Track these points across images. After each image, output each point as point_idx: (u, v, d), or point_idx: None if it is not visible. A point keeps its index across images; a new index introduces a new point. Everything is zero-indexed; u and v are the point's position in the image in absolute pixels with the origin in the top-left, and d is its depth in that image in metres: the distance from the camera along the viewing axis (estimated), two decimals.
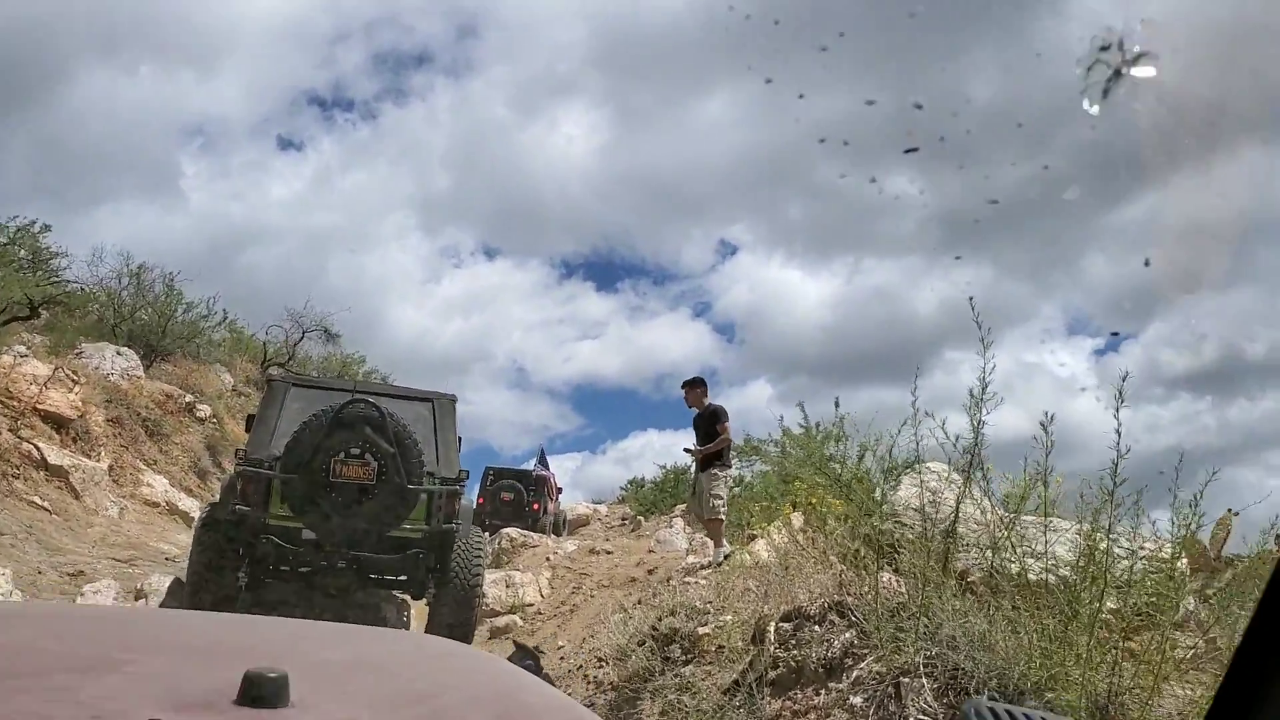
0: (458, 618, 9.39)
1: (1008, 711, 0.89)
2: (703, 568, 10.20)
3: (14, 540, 11.19)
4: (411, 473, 8.72)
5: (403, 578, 9.55)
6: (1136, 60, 1.46)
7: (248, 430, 10.30)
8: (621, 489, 29.16)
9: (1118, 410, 3.98)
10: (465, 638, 9.07)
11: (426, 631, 9.33)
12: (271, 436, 9.21)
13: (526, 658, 6.77)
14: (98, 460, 15.38)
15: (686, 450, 11.42)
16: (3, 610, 2.65)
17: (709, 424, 10.77)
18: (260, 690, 1.21)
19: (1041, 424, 4.38)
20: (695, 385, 11.09)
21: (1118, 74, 1.48)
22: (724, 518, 10.59)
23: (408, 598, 10.79)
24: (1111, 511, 4.28)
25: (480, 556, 9.81)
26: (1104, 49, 1.48)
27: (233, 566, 8.92)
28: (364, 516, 8.63)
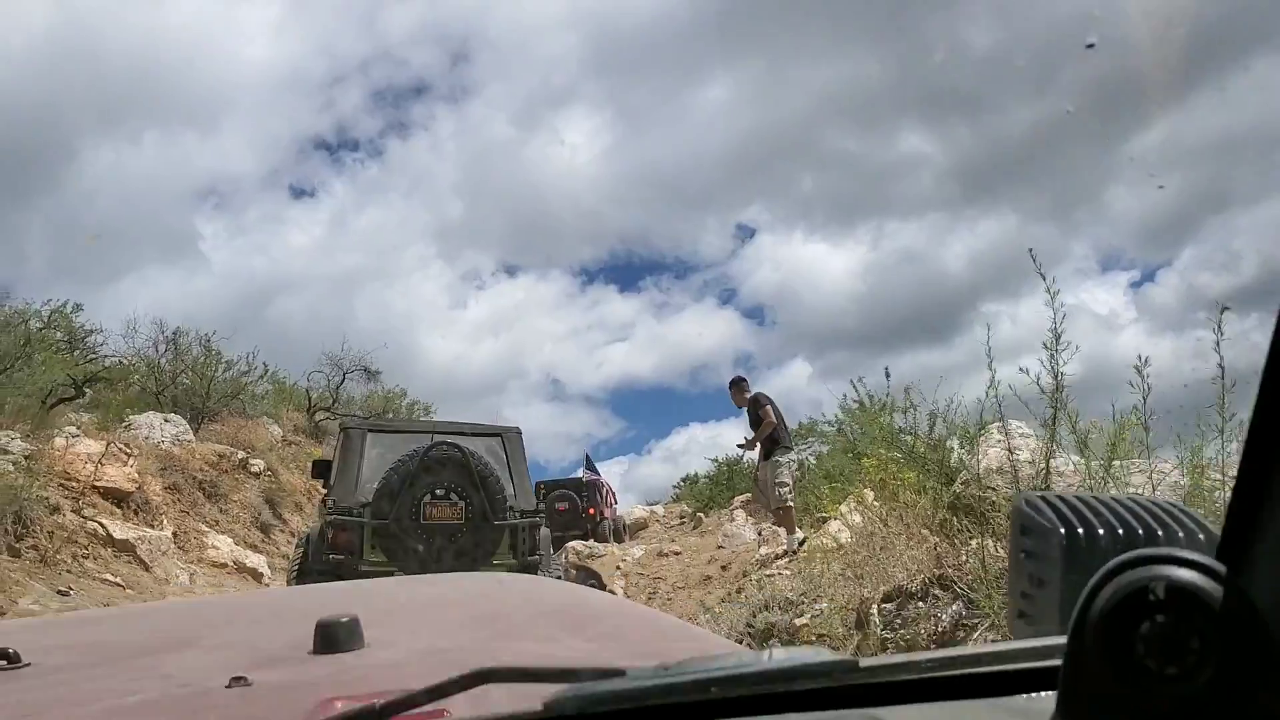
0: None
1: (1060, 498, 0.87)
2: (778, 558, 10.12)
3: None
4: (496, 509, 8.98)
5: None
6: None
7: (314, 477, 10.68)
8: (675, 487, 29.08)
9: (1218, 343, 3.84)
10: None
11: None
12: (356, 483, 9.33)
13: (589, 577, 6.72)
14: (161, 529, 15.44)
15: (739, 446, 11.60)
16: (76, 617, 2.72)
17: (753, 414, 10.94)
18: (334, 636, 1.25)
19: (1135, 368, 4.26)
20: (734, 385, 11.33)
21: None
22: (792, 504, 10.52)
23: None
24: (1223, 446, 4.15)
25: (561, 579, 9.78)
26: None
27: None
28: (454, 555, 8.79)
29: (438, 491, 8.90)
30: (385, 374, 29.25)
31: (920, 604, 5.21)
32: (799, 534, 10.05)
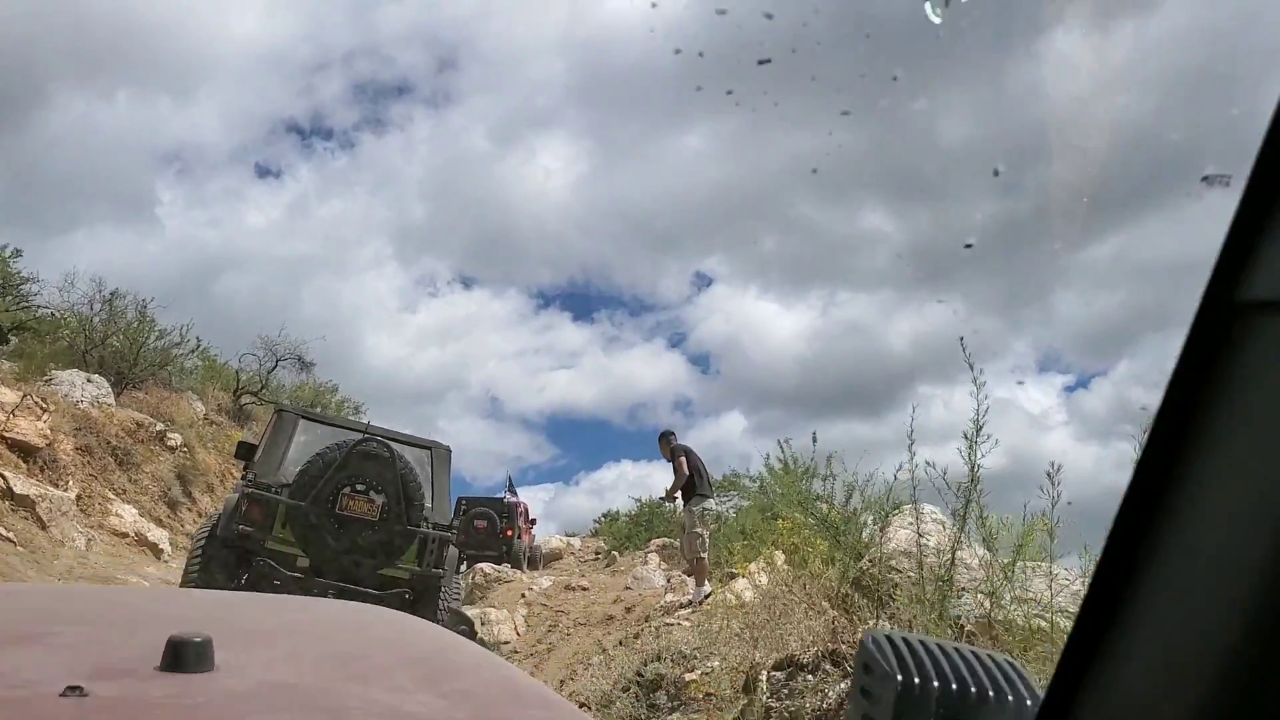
0: None
1: (904, 639, 0.90)
2: (682, 607, 10.11)
3: None
4: (412, 514, 9.06)
5: None
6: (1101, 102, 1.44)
7: (237, 457, 10.64)
8: (595, 522, 29.02)
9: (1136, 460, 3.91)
10: None
11: None
12: (280, 464, 9.49)
13: (460, 622, 6.64)
14: (65, 490, 15.09)
15: (663, 498, 12.15)
16: None
17: (675, 467, 11.07)
18: (184, 654, 1.20)
19: (1048, 474, 4.32)
20: (663, 438, 11.51)
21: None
22: (704, 555, 10.57)
23: None
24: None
25: (459, 599, 10.07)
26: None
27: (225, 583, 8.95)
28: (362, 550, 8.94)
29: (358, 486, 8.98)
30: (321, 367, 28.95)
31: (810, 676, 5.19)
32: (707, 587, 10.06)
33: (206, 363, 26.47)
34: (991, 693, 0.82)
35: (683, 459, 10.95)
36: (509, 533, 20.51)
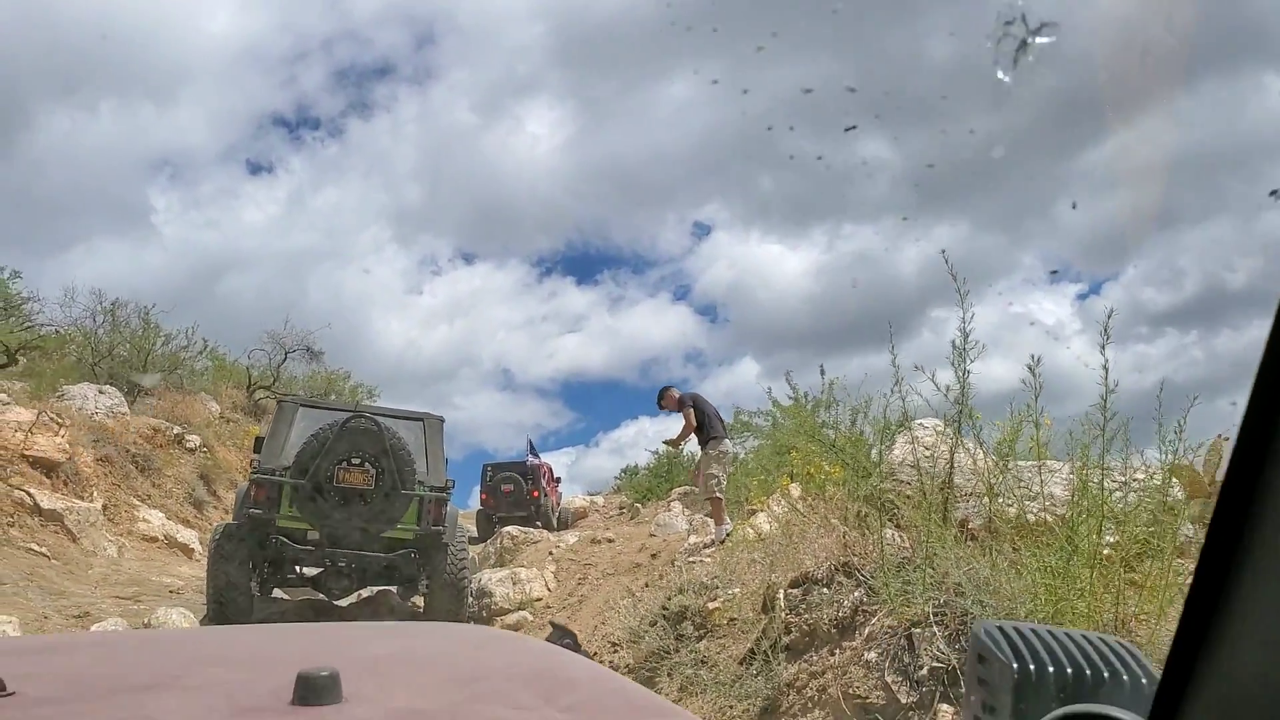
0: (449, 611, 10.29)
1: (1015, 629, 0.91)
2: (705, 547, 10.28)
3: (15, 588, 11.15)
4: (404, 480, 9.84)
5: (397, 575, 10.68)
6: None
7: (255, 451, 11.07)
8: (616, 478, 29.21)
9: (1103, 347, 4.04)
10: None
11: None
12: (282, 450, 10.15)
13: (565, 636, 6.84)
14: (91, 501, 15.31)
15: (665, 442, 12.10)
16: (53, 641, 2.70)
17: (683, 414, 11.23)
18: (313, 689, 1.27)
19: (1028, 367, 4.45)
20: (663, 394, 11.67)
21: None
22: (721, 495, 10.72)
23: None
24: (1104, 446, 4.35)
25: (465, 555, 10.86)
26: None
27: (246, 574, 9.88)
28: (363, 517, 9.76)
29: (353, 459, 9.73)
30: (335, 356, 29.15)
31: (825, 589, 5.36)
32: (728, 525, 10.22)
33: (216, 362, 26.60)
34: (1107, 674, 0.84)
35: (690, 408, 11.10)
36: (535, 494, 20.89)
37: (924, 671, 4.36)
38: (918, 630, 4.55)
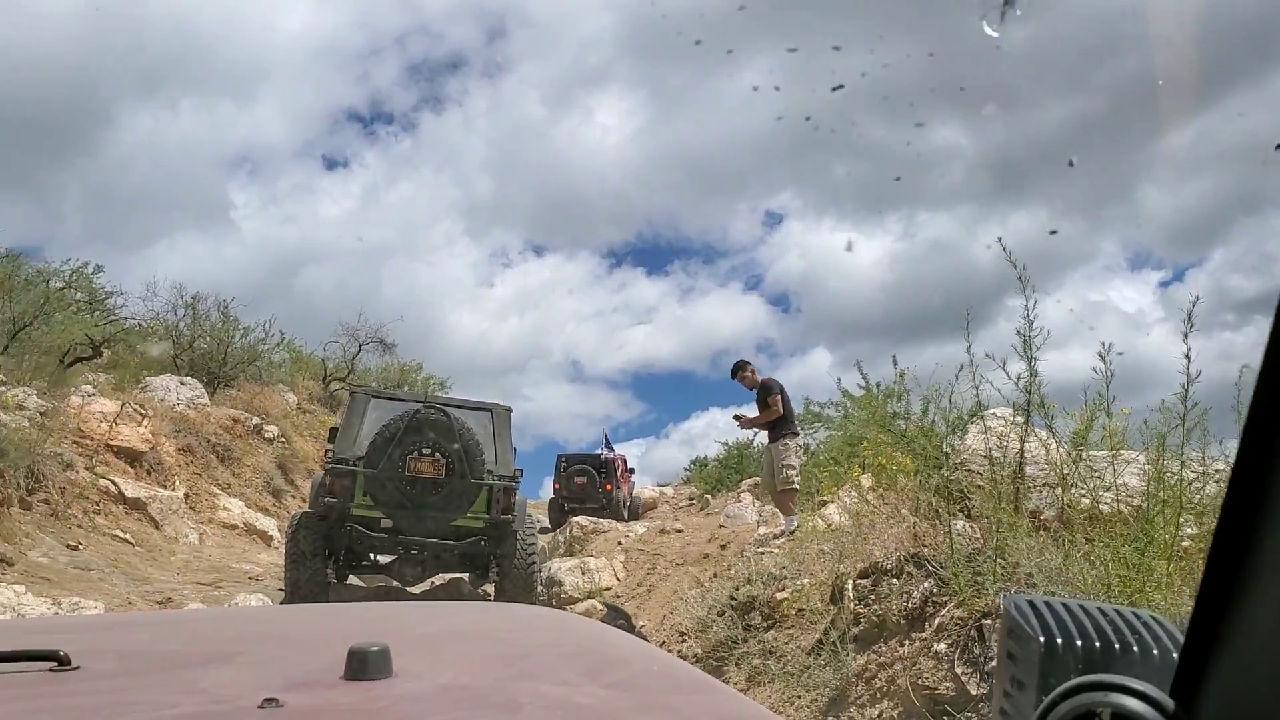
0: (519, 599, 10.28)
1: (1045, 602, 0.90)
2: (775, 538, 10.23)
3: (101, 574, 11.46)
4: (474, 469, 10.04)
5: (468, 563, 10.92)
6: None
7: (330, 441, 11.31)
8: (685, 469, 29.22)
9: (1185, 335, 3.94)
10: None
11: None
12: (355, 440, 10.41)
13: (618, 617, 6.88)
14: (173, 489, 15.68)
15: (735, 418, 11.67)
16: (115, 619, 2.79)
17: (761, 398, 11.08)
18: (364, 663, 1.29)
19: (1099, 354, 4.36)
20: (741, 369, 11.41)
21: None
22: (797, 486, 10.64)
23: None
24: (1183, 435, 4.24)
25: (535, 543, 11.07)
26: None
27: (322, 561, 10.23)
28: (434, 506, 10.01)
29: (423, 449, 9.97)
30: (408, 348, 29.61)
31: (894, 580, 5.32)
32: (796, 518, 10.16)
33: (293, 355, 27.10)
34: (1135, 647, 0.83)
35: (778, 395, 10.96)
36: (608, 487, 20.97)
37: (995, 663, 4.30)
38: (988, 622, 4.49)
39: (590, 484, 20.84)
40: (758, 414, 11.17)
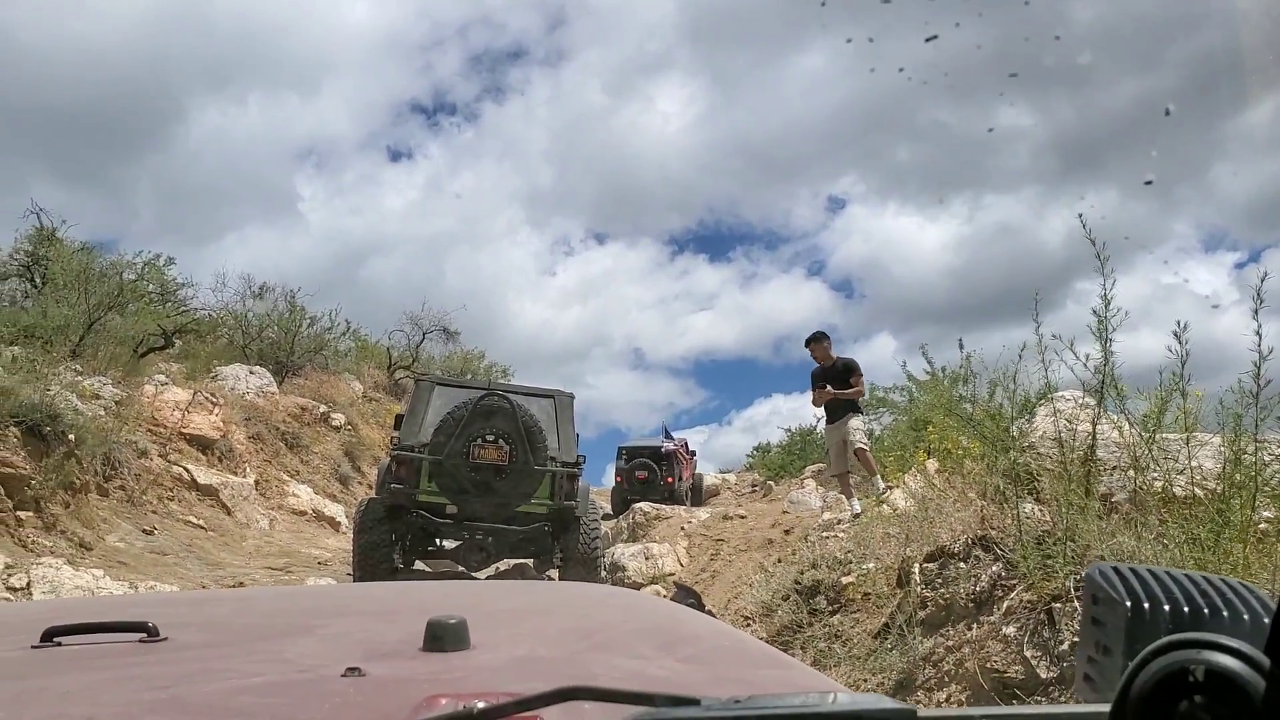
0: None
1: (1130, 569, 0.89)
2: (839, 523, 10.16)
3: (176, 559, 11.73)
4: (537, 455, 10.15)
5: (532, 548, 11.03)
6: None
7: (395, 429, 11.44)
8: (748, 456, 29.15)
9: (1256, 313, 3.85)
10: None
11: None
12: (420, 427, 10.57)
13: (688, 596, 6.90)
14: (244, 476, 15.97)
15: (819, 388, 11.07)
16: (201, 595, 2.87)
17: (843, 377, 10.68)
18: (442, 635, 1.32)
19: (1174, 333, 4.27)
20: (821, 340, 10.95)
21: None
22: (867, 446, 10.52)
23: None
24: (1257, 416, 4.15)
25: (598, 529, 11.18)
26: None
27: (389, 546, 10.34)
28: (499, 492, 10.14)
29: (487, 436, 10.11)
30: (471, 336, 29.81)
31: (961, 564, 5.27)
32: (857, 505, 10.07)
33: (359, 343, 27.44)
34: (1225, 612, 0.83)
35: (861, 376, 10.77)
36: (669, 479, 20.93)
37: (1064, 646, 4.25)
38: (1058, 605, 4.44)
39: (652, 478, 20.81)
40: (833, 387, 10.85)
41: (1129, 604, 0.84)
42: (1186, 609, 0.83)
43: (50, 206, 25.26)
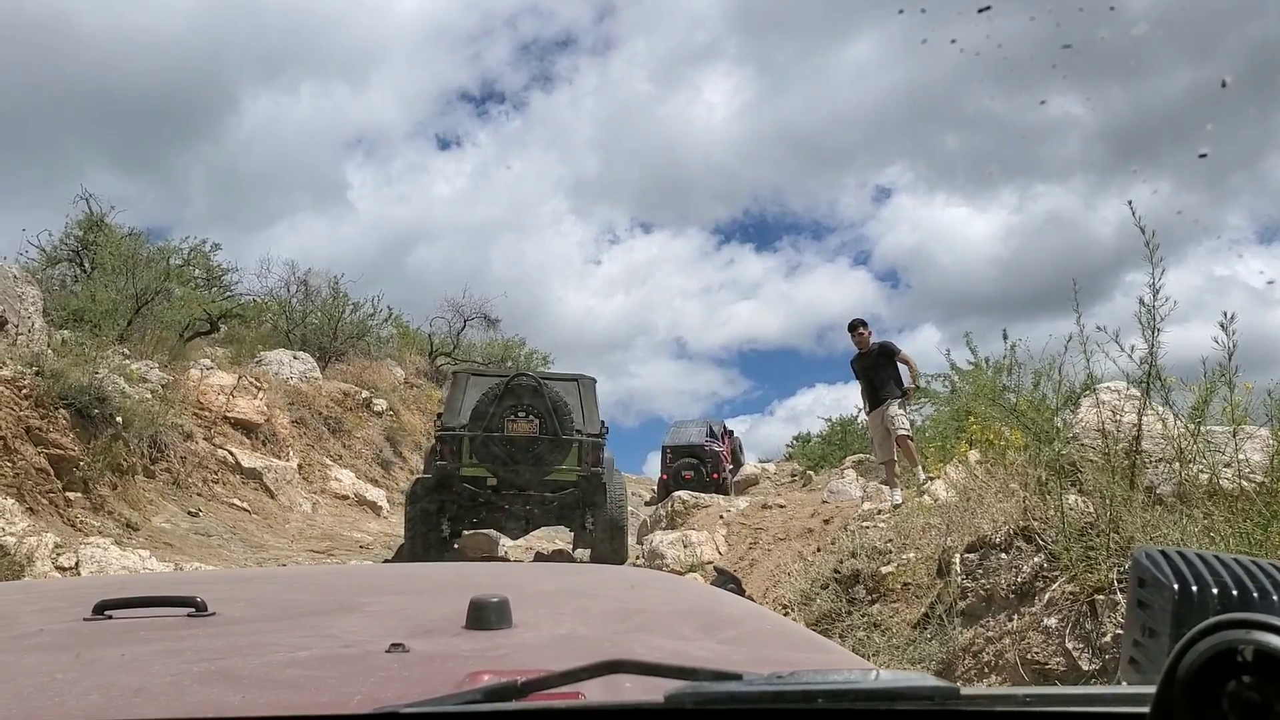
0: (612, 546, 11.71)
1: (1177, 553, 0.89)
2: (879, 513, 10.11)
3: (221, 541, 11.89)
4: (564, 427, 11.39)
5: (565, 515, 12.13)
6: None
7: (438, 417, 12.60)
8: (788, 446, 29.07)
9: None
10: (619, 563, 11.32)
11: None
12: (459, 412, 11.70)
13: (728, 581, 6.92)
14: (287, 460, 16.15)
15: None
16: (250, 573, 2.93)
17: (885, 359, 10.70)
18: (485, 614, 1.34)
19: (1221, 324, 4.21)
20: (861, 326, 10.90)
21: None
22: (909, 433, 10.43)
23: None
24: None
25: (623, 494, 12.29)
26: None
27: (438, 514, 11.47)
28: (531, 461, 11.30)
29: (519, 412, 11.33)
30: (514, 324, 30.14)
31: (1002, 555, 5.23)
32: (899, 493, 10.01)
33: (400, 330, 27.62)
34: (1276, 595, 0.82)
35: (900, 350, 10.72)
36: (715, 476, 20.98)
37: (1107, 639, 4.21)
38: (1101, 597, 4.40)
39: (698, 477, 20.83)
40: (874, 375, 10.76)
41: (1176, 586, 0.84)
42: (1235, 592, 0.82)
43: (108, 194, 25.66)
